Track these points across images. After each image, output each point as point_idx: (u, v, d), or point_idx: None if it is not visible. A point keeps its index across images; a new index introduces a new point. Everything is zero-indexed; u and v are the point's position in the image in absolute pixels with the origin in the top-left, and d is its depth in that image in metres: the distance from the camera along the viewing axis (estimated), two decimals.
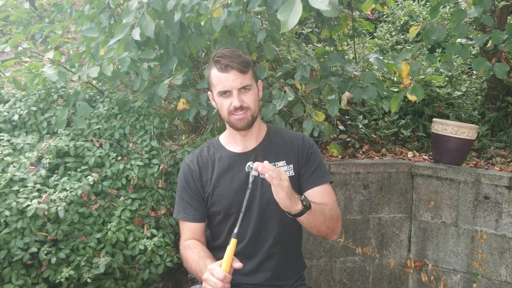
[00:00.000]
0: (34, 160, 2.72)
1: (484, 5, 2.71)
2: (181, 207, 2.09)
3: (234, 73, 1.91)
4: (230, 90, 1.92)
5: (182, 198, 2.10)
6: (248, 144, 2.07)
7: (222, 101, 1.96)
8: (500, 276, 3.32)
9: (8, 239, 2.46)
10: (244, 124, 1.97)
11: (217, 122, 3.20)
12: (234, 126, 1.98)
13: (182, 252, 2.08)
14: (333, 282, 3.60)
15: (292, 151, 2.06)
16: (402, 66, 2.84)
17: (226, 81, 1.91)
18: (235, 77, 1.91)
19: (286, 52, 4.18)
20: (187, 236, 2.09)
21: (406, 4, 6.39)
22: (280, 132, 2.18)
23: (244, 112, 1.94)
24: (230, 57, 1.91)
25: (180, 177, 2.12)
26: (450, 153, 3.56)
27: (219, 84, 1.93)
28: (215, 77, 1.94)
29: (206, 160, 2.10)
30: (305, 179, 2.05)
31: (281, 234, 2.03)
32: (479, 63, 2.86)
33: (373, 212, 3.60)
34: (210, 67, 1.98)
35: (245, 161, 1.99)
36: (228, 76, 1.91)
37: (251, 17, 2.78)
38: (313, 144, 2.12)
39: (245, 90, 1.94)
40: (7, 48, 3.03)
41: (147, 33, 2.48)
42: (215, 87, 1.96)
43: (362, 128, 4.20)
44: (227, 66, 1.90)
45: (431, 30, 2.85)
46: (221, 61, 1.90)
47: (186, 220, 2.08)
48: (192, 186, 2.07)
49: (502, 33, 2.81)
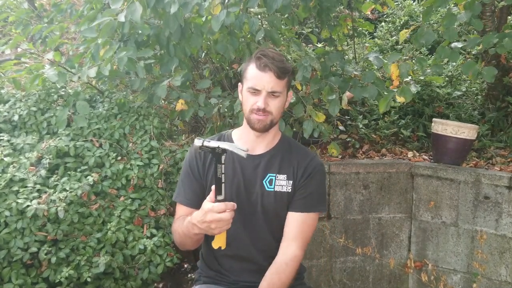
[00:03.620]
0: (34, 160, 2.72)
1: (474, 10, 2.72)
2: (181, 190, 2.10)
3: (270, 75, 1.91)
4: (260, 90, 1.93)
5: (183, 182, 2.10)
6: (257, 148, 2.06)
7: (248, 97, 1.97)
8: (500, 276, 3.32)
9: (8, 239, 2.47)
10: (261, 126, 1.97)
11: (217, 122, 3.21)
12: (252, 125, 1.99)
13: (172, 227, 2.09)
14: (333, 282, 3.60)
15: (296, 168, 2.04)
16: (391, 68, 2.85)
17: (260, 80, 1.92)
18: (270, 80, 1.92)
19: (286, 52, 4.18)
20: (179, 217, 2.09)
21: (406, 4, 6.39)
22: (293, 146, 2.14)
23: (266, 115, 1.95)
24: (272, 58, 1.92)
25: (185, 161, 2.13)
26: (450, 153, 3.56)
27: (252, 80, 1.94)
28: (251, 72, 1.95)
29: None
30: (294, 200, 2.02)
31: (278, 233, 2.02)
32: (468, 66, 2.88)
33: (373, 212, 3.60)
34: (250, 61, 1.99)
35: (248, 165, 2.00)
36: (263, 76, 1.92)
37: (251, 17, 2.78)
38: (318, 170, 2.08)
39: (274, 95, 1.94)
40: (7, 49, 3.04)
41: (134, 18, 2.48)
42: (247, 81, 1.97)
43: (362, 128, 4.20)
44: (266, 67, 1.91)
45: (420, 34, 2.86)
46: (262, 59, 1.91)
47: (183, 203, 2.08)
48: (194, 172, 2.07)
49: (493, 36, 2.81)
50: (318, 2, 3.25)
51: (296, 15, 3.52)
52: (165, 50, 2.92)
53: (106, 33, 2.61)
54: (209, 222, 1.75)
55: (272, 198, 2.01)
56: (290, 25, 3.78)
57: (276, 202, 2.00)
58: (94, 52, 2.74)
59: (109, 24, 2.56)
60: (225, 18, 2.59)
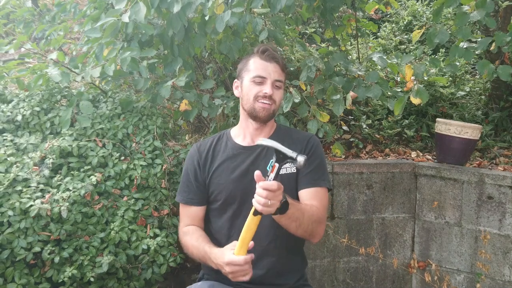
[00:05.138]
0: (37, 160, 2.72)
1: (486, 8, 2.71)
2: (182, 190, 2.17)
3: (275, 65, 2.03)
4: (267, 78, 2.01)
5: (183, 181, 2.18)
6: (256, 139, 2.08)
7: (252, 87, 2.03)
8: (504, 276, 3.31)
9: (11, 239, 2.47)
10: (266, 114, 2.03)
11: (221, 121, 3.21)
12: (256, 113, 2.04)
13: (181, 238, 2.14)
14: (336, 282, 3.59)
15: (297, 150, 2.05)
16: (405, 70, 2.84)
17: (266, 69, 2.02)
18: (275, 69, 2.03)
19: (289, 52, 4.17)
20: (185, 222, 2.15)
21: (410, 4, 6.38)
22: (290, 131, 2.22)
23: (271, 103, 2.02)
24: (275, 51, 2.06)
25: (186, 161, 2.21)
26: (453, 153, 3.55)
27: (258, 70, 2.02)
28: (256, 63, 2.04)
29: (212, 149, 2.15)
30: (301, 178, 2.06)
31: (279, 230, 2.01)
32: (483, 65, 2.86)
33: (377, 212, 3.59)
34: (250, 56, 2.08)
35: (249, 155, 2.02)
36: (269, 65, 2.02)
37: (254, 17, 2.78)
38: (317, 146, 2.14)
39: (277, 86, 2.04)
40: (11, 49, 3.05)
41: (137, 18, 2.49)
42: (250, 72, 2.04)
43: (366, 128, 4.19)
44: (272, 58, 2.03)
45: (434, 33, 2.84)
46: (267, 51, 2.03)
47: (184, 202, 2.15)
48: (194, 171, 2.13)
49: (505, 35, 2.80)
50: (322, 2, 3.24)
51: (299, 15, 3.52)
52: (169, 50, 2.92)
53: (110, 33, 2.62)
54: (227, 273, 1.80)
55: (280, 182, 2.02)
56: (293, 25, 3.78)
57: (285, 185, 2.00)
58: (97, 52, 2.74)
59: (113, 24, 2.57)
60: (229, 18, 2.59)
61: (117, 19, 2.56)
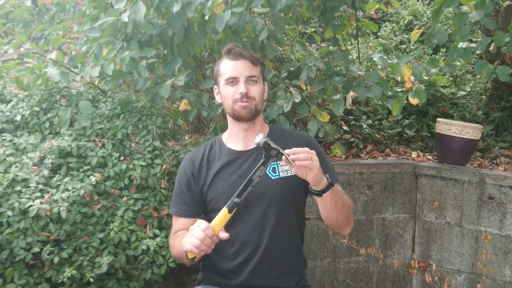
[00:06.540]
0: (36, 160, 2.71)
1: (486, 8, 2.70)
2: (175, 201, 2.11)
3: (244, 61, 1.96)
4: (238, 77, 1.96)
5: (176, 193, 2.12)
6: (249, 142, 2.05)
7: (227, 90, 1.98)
8: (505, 277, 3.30)
9: (11, 239, 2.46)
10: (248, 112, 1.97)
11: (220, 121, 3.20)
12: (238, 114, 1.98)
13: (170, 242, 2.10)
14: (336, 282, 3.59)
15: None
16: (404, 69, 2.82)
17: (236, 68, 1.96)
18: (245, 66, 1.96)
19: (289, 52, 4.17)
20: (177, 230, 2.09)
21: (410, 3, 6.37)
22: (284, 132, 2.19)
23: (249, 101, 1.96)
24: (242, 48, 1.99)
25: (179, 172, 2.15)
26: (454, 153, 3.54)
27: (228, 72, 1.97)
28: (225, 65, 1.99)
29: (206, 157, 2.10)
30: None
31: (279, 232, 2.00)
32: (481, 66, 2.85)
33: (377, 212, 3.58)
34: (220, 60, 2.04)
35: (246, 160, 1.99)
36: (238, 63, 1.96)
37: (254, 17, 2.77)
38: (316, 145, 2.12)
39: (252, 81, 1.98)
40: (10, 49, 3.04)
41: (137, 17, 2.48)
42: (223, 75, 1.99)
43: (366, 128, 4.19)
44: (239, 55, 1.96)
45: (432, 34, 2.84)
46: (234, 49, 1.97)
47: (178, 214, 2.09)
48: (187, 182, 2.08)
49: (504, 35, 2.79)
50: (322, 1, 3.23)
51: (299, 14, 3.51)
52: (169, 50, 2.91)
53: (109, 33, 2.61)
54: (198, 237, 1.72)
55: (280, 185, 1.99)
56: (293, 25, 3.77)
57: (285, 188, 2.00)
58: (97, 52, 2.74)
59: (113, 24, 2.56)
60: (229, 18, 2.58)
61: (117, 19, 2.55)
